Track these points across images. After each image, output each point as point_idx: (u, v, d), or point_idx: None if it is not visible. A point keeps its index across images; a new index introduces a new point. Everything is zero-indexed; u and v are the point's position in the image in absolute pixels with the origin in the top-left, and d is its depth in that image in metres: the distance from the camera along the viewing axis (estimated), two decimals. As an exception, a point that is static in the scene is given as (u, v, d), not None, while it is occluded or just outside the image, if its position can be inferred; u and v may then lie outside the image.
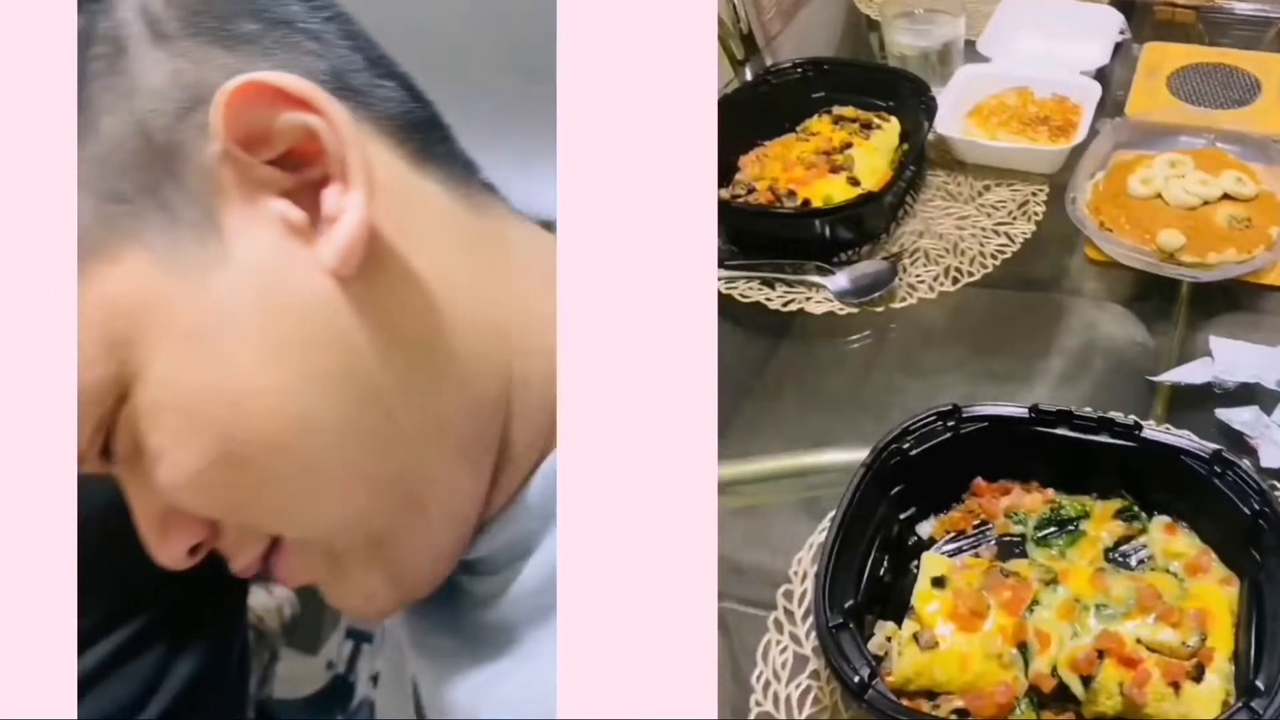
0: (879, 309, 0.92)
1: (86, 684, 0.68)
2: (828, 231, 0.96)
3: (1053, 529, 0.70)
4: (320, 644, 2.13)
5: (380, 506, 0.43)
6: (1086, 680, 0.59)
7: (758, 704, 0.65)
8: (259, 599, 1.54)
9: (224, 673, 0.77)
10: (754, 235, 0.98)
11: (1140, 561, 0.67)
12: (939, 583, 0.64)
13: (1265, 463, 0.73)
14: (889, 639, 0.62)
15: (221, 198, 0.40)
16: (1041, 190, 1.02)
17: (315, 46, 0.42)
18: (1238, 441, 0.75)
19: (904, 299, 0.92)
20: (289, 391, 0.40)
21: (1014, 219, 0.99)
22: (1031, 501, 0.71)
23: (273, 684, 1.65)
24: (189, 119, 0.39)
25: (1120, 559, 0.68)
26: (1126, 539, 0.68)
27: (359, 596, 0.45)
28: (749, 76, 1.23)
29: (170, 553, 0.43)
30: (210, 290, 0.39)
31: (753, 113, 1.07)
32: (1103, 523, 0.69)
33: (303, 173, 0.41)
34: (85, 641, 0.68)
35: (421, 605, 0.48)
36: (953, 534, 0.71)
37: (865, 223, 0.97)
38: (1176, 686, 0.58)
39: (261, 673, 1.53)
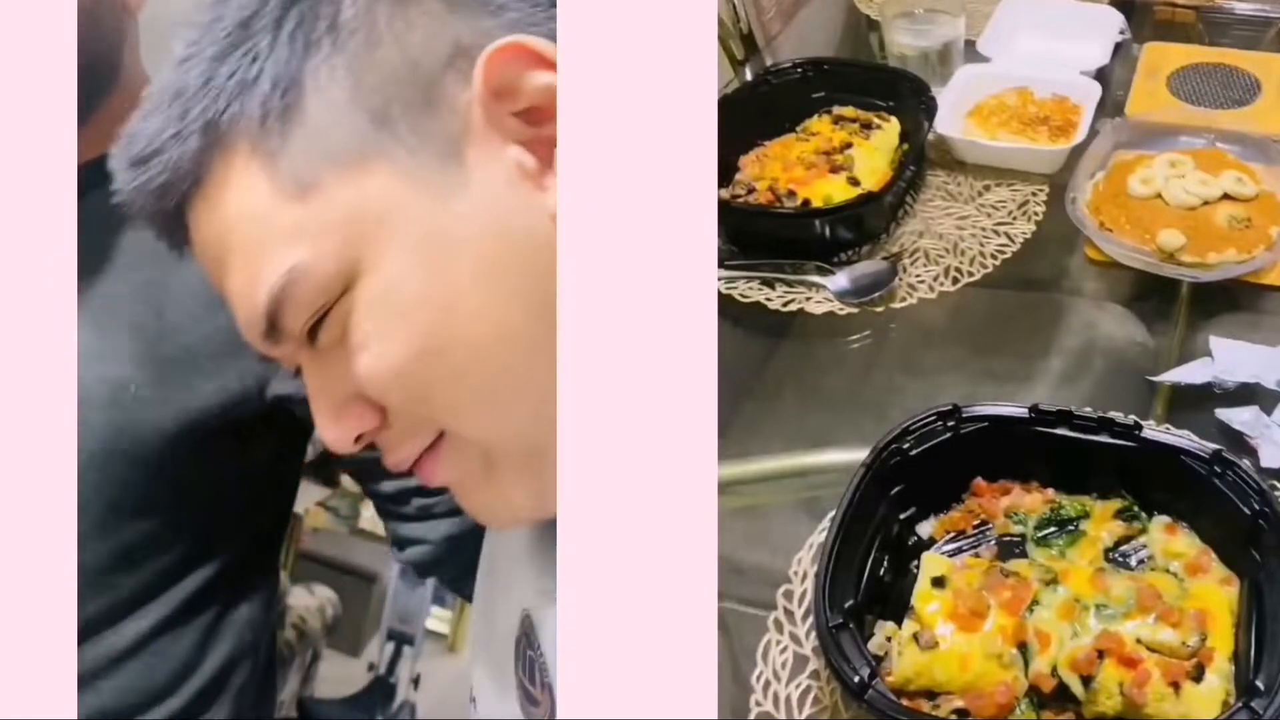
0: (879, 309, 0.92)
1: (153, 636, 0.71)
2: (828, 231, 0.96)
3: (1053, 529, 0.69)
4: (361, 645, 2.15)
5: (547, 420, 0.46)
6: (1086, 680, 0.59)
7: (758, 704, 0.65)
8: (301, 599, 1.53)
9: (256, 651, 0.79)
10: (754, 235, 0.98)
11: (1140, 561, 0.67)
12: (939, 583, 0.64)
13: (1265, 463, 0.73)
14: (889, 639, 0.62)
15: (468, 135, 0.45)
16: (1041, 190, 1.02)
17: (552, 27, 0.47)
18: (1238, 441, 0.75)
19: (904, 299, 0.92)
20: (495, 304, 0.45)
21: (1014, 219, 0.99)
22: (1031, 501, 0.71)
23: (314, 683, 1.64)
24: (453, 65, 0.45)
25: (1120, 559, 0.68)
26: (1126, 539, 0.68)
27: (501, 500, 0.49)
28: (749, 76, 1.22)
29: (340, 436, 0.48)
30: (446, 209, 0.45)
31: (753, 113, 1.07)
32: (1103, 523, 0.69)
33: (541, 127, 0.46)
34: (167, 581, 0.71)
35: (546, 540, 0.52)
36: (953, 534, 0.71)
37: (865, 223, 0.97)
38: (1176, 686, 0.58)
39: (303, 672, 1.53)
